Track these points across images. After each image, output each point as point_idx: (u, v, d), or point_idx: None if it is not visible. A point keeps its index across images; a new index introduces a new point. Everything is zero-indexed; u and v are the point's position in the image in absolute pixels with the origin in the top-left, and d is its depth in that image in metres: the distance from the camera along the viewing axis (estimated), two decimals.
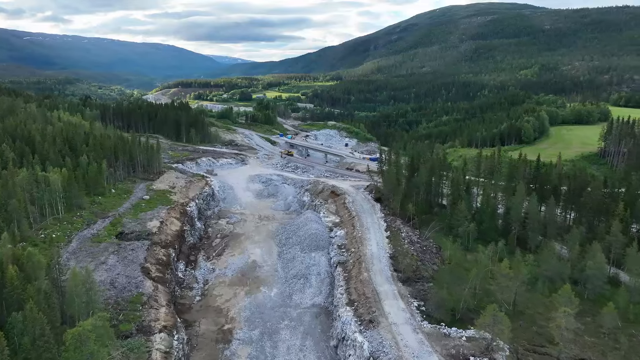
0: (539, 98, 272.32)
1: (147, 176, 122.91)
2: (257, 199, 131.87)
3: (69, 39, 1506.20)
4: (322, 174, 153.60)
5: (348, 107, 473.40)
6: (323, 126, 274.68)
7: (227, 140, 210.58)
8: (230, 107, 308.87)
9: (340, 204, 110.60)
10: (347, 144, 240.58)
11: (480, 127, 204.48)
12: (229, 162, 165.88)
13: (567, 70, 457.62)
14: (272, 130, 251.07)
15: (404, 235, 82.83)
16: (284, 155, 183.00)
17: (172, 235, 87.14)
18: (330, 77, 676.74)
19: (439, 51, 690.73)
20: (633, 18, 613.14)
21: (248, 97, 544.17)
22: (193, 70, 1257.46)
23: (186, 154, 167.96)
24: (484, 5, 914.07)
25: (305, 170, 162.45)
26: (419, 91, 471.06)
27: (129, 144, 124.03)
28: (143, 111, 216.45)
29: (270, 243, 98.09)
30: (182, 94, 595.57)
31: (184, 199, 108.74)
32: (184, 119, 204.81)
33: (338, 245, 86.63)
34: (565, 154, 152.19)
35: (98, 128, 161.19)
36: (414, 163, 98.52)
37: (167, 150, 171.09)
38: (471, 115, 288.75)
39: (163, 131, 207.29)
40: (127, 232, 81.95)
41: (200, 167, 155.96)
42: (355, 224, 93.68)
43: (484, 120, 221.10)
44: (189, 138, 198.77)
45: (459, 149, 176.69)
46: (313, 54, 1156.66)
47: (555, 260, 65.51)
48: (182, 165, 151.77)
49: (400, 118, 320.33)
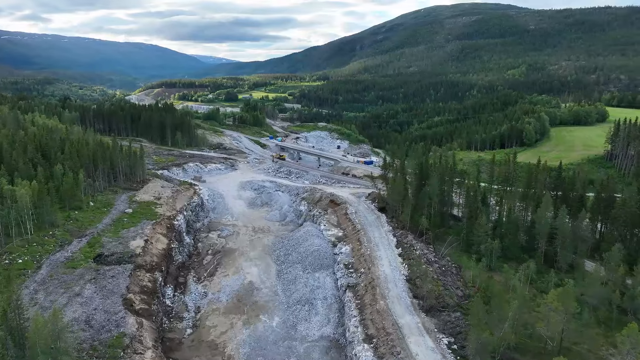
0: (532, 98, 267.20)
1: (130, 185, 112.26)
2: (250, 208, 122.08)
3: (49, 38, 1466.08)
4: (318, 180, 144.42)
5: (336, 108, 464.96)
6: (313, 127, 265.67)
7: (215, 143, 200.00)
8: (217, 108, 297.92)
9: (341, 215, 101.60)
10: (339, 146, 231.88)
11: (478, 129, 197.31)
12: (218, 168, 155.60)
13: (554, 70, 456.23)
14: (261, 133, 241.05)
15: (418, 253, 74.11)
16: (276, 160, 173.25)
17: (158, 256, 77.02)
18: (317, 77, 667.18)
19: (425, 51, 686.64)
20: (615, 19, 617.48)
21: (234, 97, 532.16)
22: (177, 70, 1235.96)
23: (172, 159, 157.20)
24: (468, 6, 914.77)
25: (299, 175, 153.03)
26: (407, 91, 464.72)
27: (110, 150, 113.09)
28: (125, 113, 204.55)
29: (267, 260, 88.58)
30: (166, 94, 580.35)
31: (170, 211, 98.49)
32: (169, 121, 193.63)
33: (344, 264, 77.61)
34: (569, 157, 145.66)
35: (77, 132, 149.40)
36: (423, 170, 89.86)
37: (152, 155, 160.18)
38: (463, 116, 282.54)
39: (147, 134, 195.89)
40: (107, 254, 71.63)
41: (188, 174, 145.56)
42: (361, 238, 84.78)
43: (480, 122, 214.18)
44: (174, 142, 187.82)
45: (458, 152, 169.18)
46: (299, 54, 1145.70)
47: (599, 285, 57.43)
48: (168, 171, 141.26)
49: (390, 119, 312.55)
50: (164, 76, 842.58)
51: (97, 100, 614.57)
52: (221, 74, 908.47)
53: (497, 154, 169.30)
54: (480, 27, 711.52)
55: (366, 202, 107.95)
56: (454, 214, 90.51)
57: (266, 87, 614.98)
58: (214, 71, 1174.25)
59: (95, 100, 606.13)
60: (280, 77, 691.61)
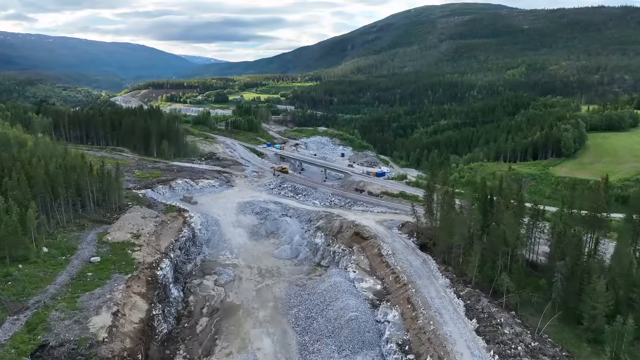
0: (546, 100, 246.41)
1: (103, 216, 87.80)
2: (253, 239, 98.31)
3: (32, 38, 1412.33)
4: (330, 200, 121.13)
5: (331, 109, 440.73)
6: (313, 132, 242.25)
7: (206, 153, 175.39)
8: (207, 111, 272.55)
9: (373, 255, 78.40)
10: (342, 154, 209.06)
11: (500, 135, 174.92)
12: (211, 185, 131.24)
13: (555, 70, 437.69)
14: (257, 139, 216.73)
15: (507, 332, 51.18)
16: (277, 173, 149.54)
17: (133, 337, 53.01)
18: (309, 78, 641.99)
19: (419, 51, 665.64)
20: (610, 18, 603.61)
21: (224, 98, 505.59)
22: (165, 70, 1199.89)
23: (157, 174, 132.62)
24: (458, 6, 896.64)
25: (306, 193, 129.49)
26: (404, 92, 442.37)
27: (77, 171, 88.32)
28: (105, 119, 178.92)
29: (282, 324, 65.14)
30: (153, 95, 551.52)
31: (153, 255, 74.31)
32: (154, 128, 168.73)
33: (397, 343, 54.45)
34: (619, 171, 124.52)
35: (43, 144, 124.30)
36: (492, 203, 66.94)
37: (134, 169, 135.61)
38: (472, 119, 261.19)
39: (129, 143, 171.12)
40: (54, 345, 47.44)
41: (176, 192, 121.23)
42: (412, 298, 61.69)
43: (500, 127, 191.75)
44: (160, 152, 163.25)
45: (486, 163, 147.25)
46: (288, 54, 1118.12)
47: None
48: (152, 191, 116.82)
49: (392, 122, 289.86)
50: (151, 77, 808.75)
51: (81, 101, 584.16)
52: (210, 75, 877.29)
53: (532, 166, 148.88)
54: (474, 27, 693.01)
55: (401, 235, 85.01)
56: (532, 260, 67.79)
57: (257, 87, 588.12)
58: (203, 71, 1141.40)
59: (79, 102, 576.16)
60: (271, 77, 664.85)
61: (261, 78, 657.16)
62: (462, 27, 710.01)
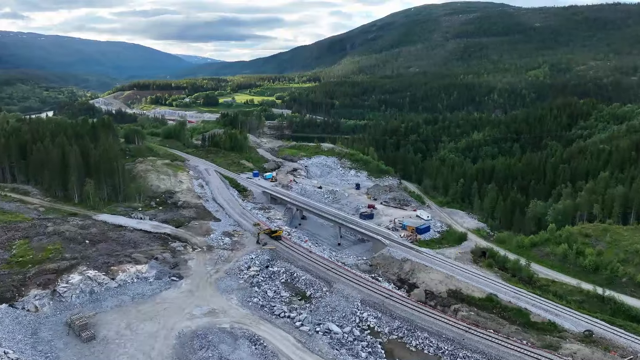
0: (613, 109, 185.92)
1: None
2: None
3: (24, 37, 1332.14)
4: (357, 324, 60.27)
5: (332, 114, 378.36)
6: (315, 151, 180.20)
7: (160, 192, 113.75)
8: (182, 123, 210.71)
9: None
10: (358, 185, 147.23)
11: (592, 164, 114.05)
12: (139, 277, 69.75)
13: (583, 71, 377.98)
14: (240, 163, 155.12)
15: None
16: (262, 240, 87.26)
17: None
18: (307, 78, 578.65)
19: (424, 50, 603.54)
20: (629, 16, 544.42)
21: (214, 101, 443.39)
22: (159, 70, 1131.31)
23: (48, 253, 71.53)
24: (460, 4, 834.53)
25: (315, 297, 68.27)
26: (414, 95, 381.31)
27: None
28: (12, 142, 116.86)
29: None
30: (137, 97, 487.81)
31: None
32: (77, 157, 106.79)
33: None
34: None
35: None
36: None
37: (16, 239, 74.73)
38: (513, 132, 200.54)
39: (44, 177, 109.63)
40: None
41: (63, 305, 60.60)
42: None
43: (588, 152, 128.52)
44: (84, 194, 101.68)
45: (612, 226, 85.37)
46: (286, 54, 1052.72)
47: None
48: (13, 307, 56.05)
49: (411, 133, 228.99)
50: (145, 77, 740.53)
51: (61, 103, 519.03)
52: (205, 74, 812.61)
53: None
54: (481, 25, 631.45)
55: None
56: None
57: (251, 89, 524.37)
58: (198, 71, 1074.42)
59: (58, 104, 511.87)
60: (267, 78, 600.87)
61: (255, 79, 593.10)
62: (469, 25, 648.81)
